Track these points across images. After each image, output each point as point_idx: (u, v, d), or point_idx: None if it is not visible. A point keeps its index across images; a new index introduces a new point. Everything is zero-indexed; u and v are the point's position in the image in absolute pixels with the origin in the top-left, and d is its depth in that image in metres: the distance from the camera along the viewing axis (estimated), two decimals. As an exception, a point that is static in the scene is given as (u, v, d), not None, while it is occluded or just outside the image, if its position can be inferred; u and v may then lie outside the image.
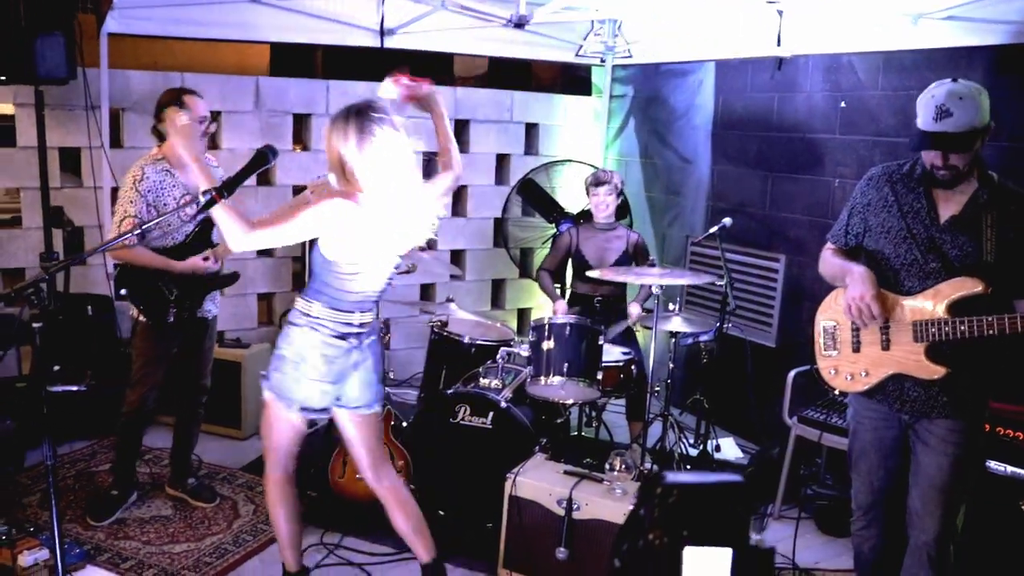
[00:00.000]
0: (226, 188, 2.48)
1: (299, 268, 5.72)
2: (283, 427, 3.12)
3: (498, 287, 6.63)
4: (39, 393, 2.34)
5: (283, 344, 3.03)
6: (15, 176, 4.91)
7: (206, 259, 3.86)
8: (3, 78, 4.34)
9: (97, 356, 4.10)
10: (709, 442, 4.82)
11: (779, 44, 4.94)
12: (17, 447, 4.01)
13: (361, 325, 3.05)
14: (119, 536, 3.91)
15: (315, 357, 2.97)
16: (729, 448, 5.16)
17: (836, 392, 3.07)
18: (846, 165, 4.76)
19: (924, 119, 2.66)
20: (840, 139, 4.79)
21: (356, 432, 3.24)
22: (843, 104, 4.78)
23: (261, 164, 2.65)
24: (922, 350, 2.75)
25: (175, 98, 3.75)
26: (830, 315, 3.02)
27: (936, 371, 2.72)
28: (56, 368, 2.57)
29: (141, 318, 3.87)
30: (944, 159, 2.66)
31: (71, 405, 3.26)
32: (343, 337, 2.99)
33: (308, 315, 2.96)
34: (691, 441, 4.87)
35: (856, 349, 2.92)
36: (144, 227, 2.81)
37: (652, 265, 4.55)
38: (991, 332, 2.59)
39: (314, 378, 2.99)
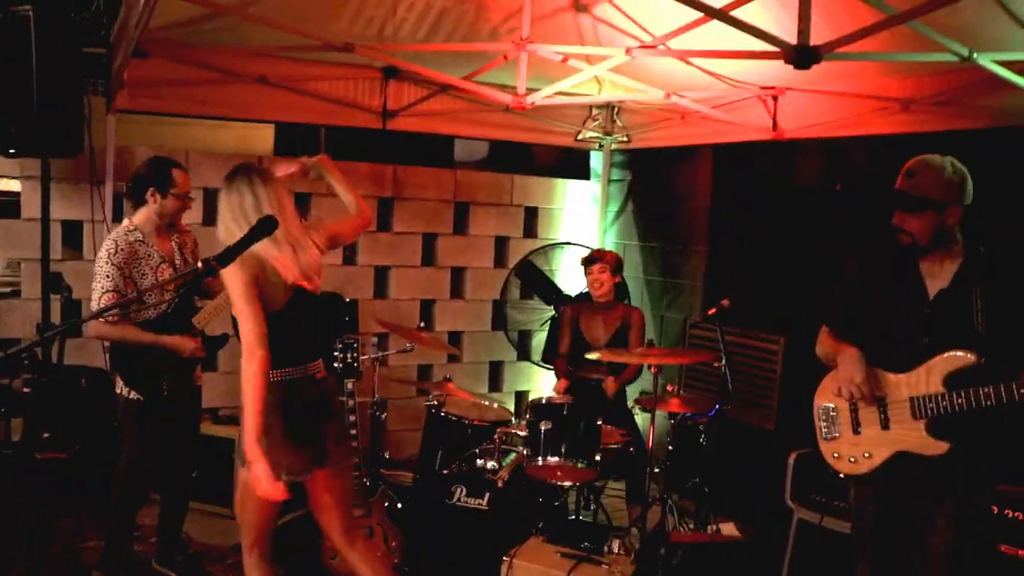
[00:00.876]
0: (224, 257, 2.48)
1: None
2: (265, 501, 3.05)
3: (496, 369, 6.59)
4: (27, 459, 2.29)
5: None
6: (17, 247, 4.94)
7: (195, 335, 3.85)
8: (12, 151, 4.40)
9: (88, 428, 4.03)
10: (708, 526, 4.72)
11: (775, 128, 5.04)
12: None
13: None
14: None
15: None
16: (730, 532, 5.05)
17: (841, 476, 3.01)
18: (843, 247, 4.78)
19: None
20: (837, 222, 4.83)
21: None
22: (838, 187, 4.84)
23: (261, 234, 2.65)
24: (922, 426, 2.72)
25: (163, 173, 3.80)
26: (827, 398, 2.99)
27: (939, 447, 2.68)
28: (45, 436, 2.52)
29: (132, 396, 3.80)
30: (900, 220, 2.74)
31: (56, 473, 3.19)
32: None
33: None
34: (691, 525, 4.77)
35: (856, 431, 2.88)
36: (124, 301, 2.81)
37: (651, 344, 4.53)
38: (988, 403, 2.57)
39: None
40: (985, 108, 4.10)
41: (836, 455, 2.94)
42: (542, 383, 6.55)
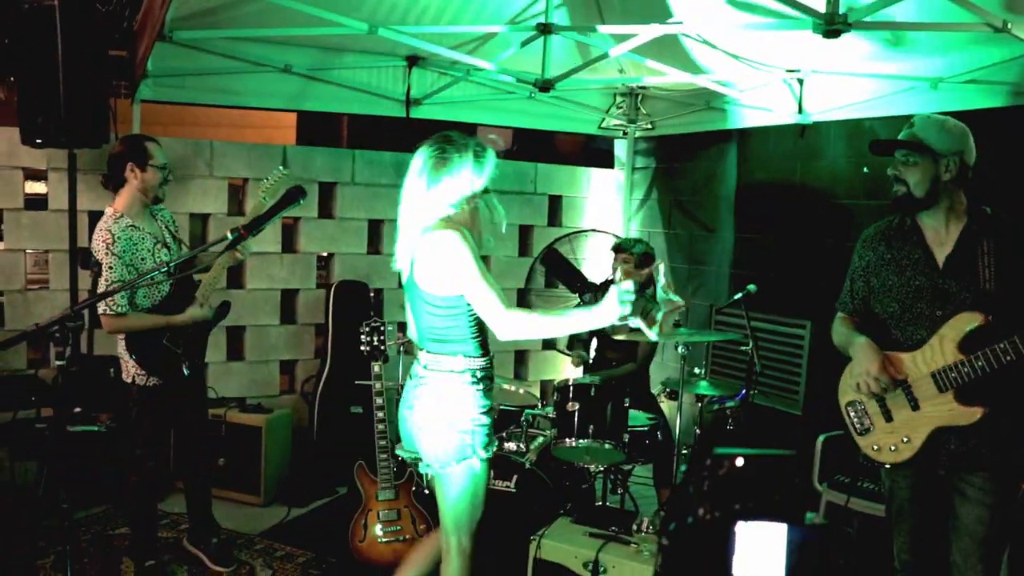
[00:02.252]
0: (253, 225, 2.48)
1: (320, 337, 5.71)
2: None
3: (520, 358, 6.57)
4: (60, 431, 2.30)
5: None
6: (45, 239, 4.97)
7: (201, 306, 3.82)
8: (39, 141, 4.44)
9: (116, 414, 4.03)
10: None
11: (800, 111, 4.99)
12: (37, 494, 3.95)
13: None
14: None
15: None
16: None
17: (887, 466, 2.94)
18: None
19: None
20: (864, 204, 4.79)
21: None
22: (866, 169, 4.80)
23: (290, 203, 2.66)
24: (951, 398, 2.68)
25: (138, 147, 3.75)
26: (850, 395, 2.95)
27: (973, 413, 2.64)
28: (76, 410, 2.53)
29: (148, 383, 3.75)
30: (897, 171, 2.73)
31: (90, 447, 3.21)
32: None
33: None
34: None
35: (889, 419, 2.84)
36: (131, 284, 2.75)
37: (678, 325, 4.49)
38: (1009, 358, 2.53)
39: None
40: (1015, 85, 4.05)
41: (876, 447, 2.88)
42: (568, 371, 6.53)
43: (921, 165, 2.70)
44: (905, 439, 2.79)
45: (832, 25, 2.77)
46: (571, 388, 4.15)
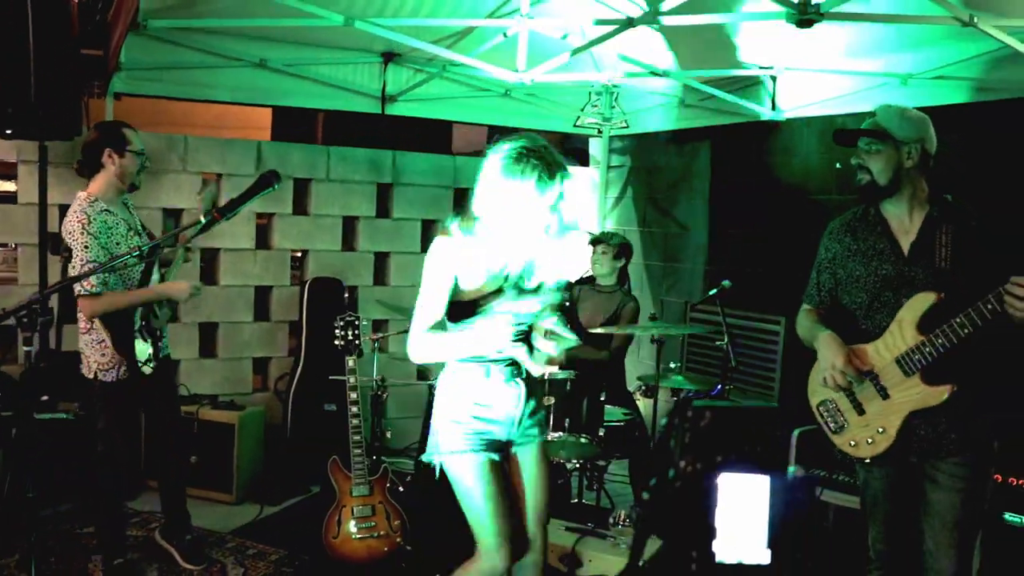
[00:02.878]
0: (227, 209, 2.46)
1: (294, 335, 5.67)
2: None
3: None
4: (27, 416, 2.27)
5: None
6: (14, 232, 4.91)
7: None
8: (9, 132, 4.37)
9: (84, 400, 3.95)
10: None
11: (774, 108, 5.04)
12: (2, 488, 3.87)
13: None
14: (103, 599, 3.75)
15: None
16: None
17: (867, 461, 2.94)
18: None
19: None
20: (837, 199, 4.83)
21: None
22: (838, 165, 4.83)
23: (264, 188, 2.63)
24: (919, 380, 2.70)
25: (115, 132, 3.70)
26: (820, 394, 2.97)
27: (942, 392, 2.66)
28: (44, 398, 2.47)
29: (107, 378, 3.66)
30: (860, 159, 2.77)
31: (57, 435, 3.15)
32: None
33: None
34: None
35: (861, 412, 2.85)
36: (110, 264, 2.69)
37: (653, 318, 4.51)
38: (966, 331, 2.56)
39: None
40: (981, 81, 4.11)
41: (853, 443, 2.89)
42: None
43: (884, 152, 2.74)
44: (880, 430, 2.80)
45: (805, 15, 2.79)
46: (546, 383, 4.14)
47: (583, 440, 4.04)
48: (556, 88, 5.88)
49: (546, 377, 4.17)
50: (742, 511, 1.28)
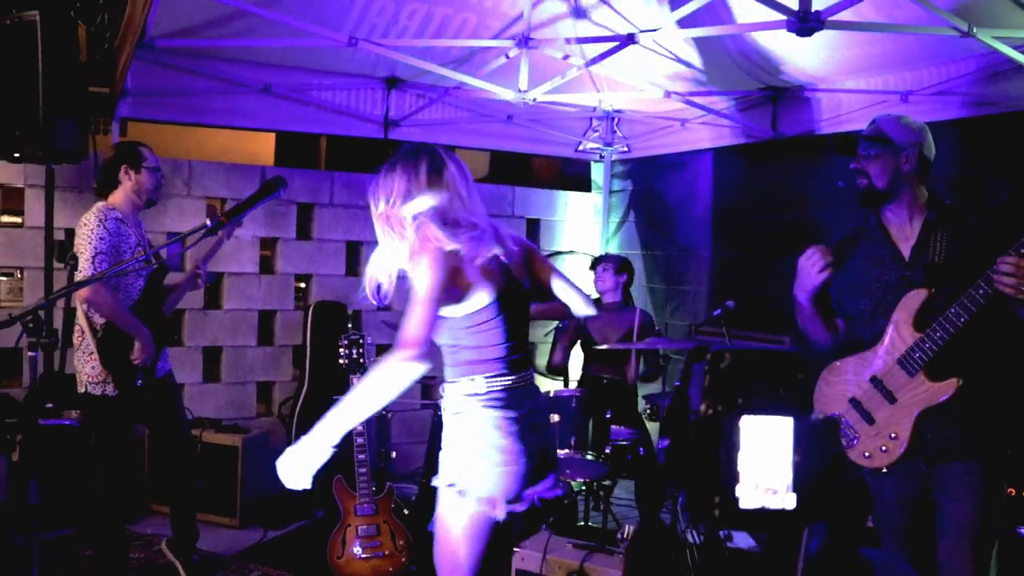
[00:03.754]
0: (233, 213, 2.47)
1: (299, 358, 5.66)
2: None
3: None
4: (32, 421, 2.26)
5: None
6: (20, 256, 4.92)
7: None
8: (17, 155, 4.40)
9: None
10: (720, 531, 4.63)
11: (774, 128, 5.07)
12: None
13: None
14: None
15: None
16: (742, 539, 4.95)
17: (884, 471, 2.85)
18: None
19: None
20: (839, 217, 4.83)
21: None
22: (840, 184, 4.85)
23: (269, 193, 2.65)
24: (924, 378, 2.67)
25: (131, 150, 3.77)
26: (824, 405, 2.94)
27: (948, 385, 2.63)
28: (48, 406, 2.47)
29: (106, 392, 3.65)
30: (859, 164, 2.80)
31: (62, 442, 3.11)
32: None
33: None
34: (702, 528, 4.68)
35: (871, 421, 2.82)
36: (121, 269, 2.70)
37: (659, 335, 4.49)
38: (962, 320, 2.55)
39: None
40: (979, 96, 4.15)
41: (867, 455, 2.83)
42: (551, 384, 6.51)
43: (882, 157, 2.77)
44: (892, 435, 2.77)
45: (806, 23, 2.83)
46: (551, 400, 4.13)
47: (589, 457, 4.01)
48: (557, 114, 5.94)
49: (551, 394, 4.16)
50: (765, 455, 1.26)
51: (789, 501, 1.30)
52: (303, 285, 6.00)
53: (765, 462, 1.24)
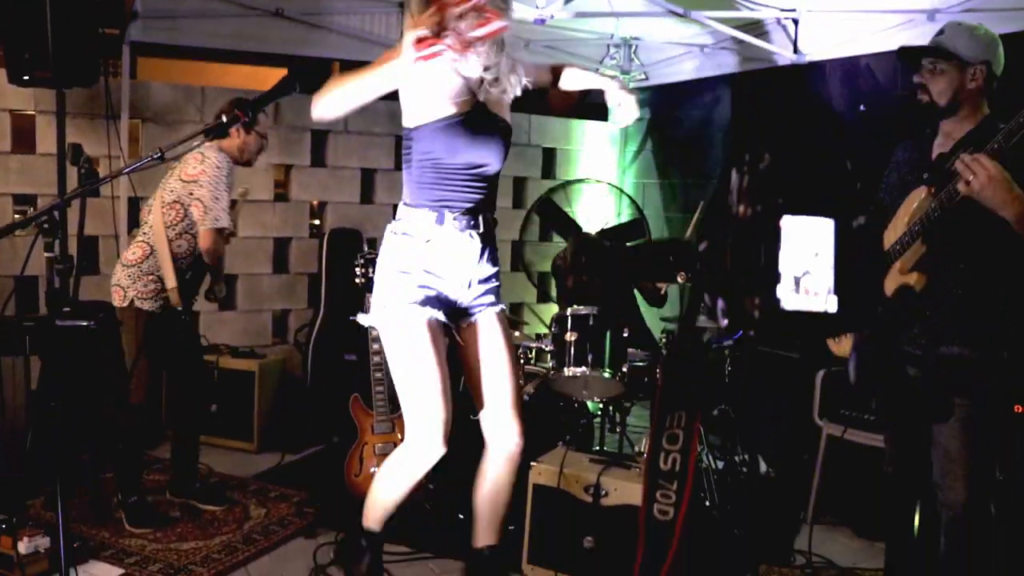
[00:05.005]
0: (251, 107, 2.46)
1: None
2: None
3: (516, 311, 6.53)
4: (50, 326, 2.25)
5: None
6: (34, 183, 4.90)
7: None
8: (26, 77, 4.35)
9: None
10: (735, 457, 4.64)
11: (795, 52, 4.96)
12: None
13: None
14: (123, 535, 3.75)
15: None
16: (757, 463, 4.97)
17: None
18: (870, 167, 4.71)
19: None
20: (861, 143, 4.76)
21: None
22: (862, 108, 4.77)
23: (287, 87, 2.63)
24: (896, 271, 2.64)
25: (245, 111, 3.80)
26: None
27: (914, 276, 2.60)
28: (65, 310, 2.47)
29: (143, 305, 3.74)
30: (922, 78, 2.63)
31: (80, 343, 3.12)
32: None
33: None
34: (716, 454, 4.69)
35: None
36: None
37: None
38: (937, 215, 2.50)
39: None
40: (1012, 12, 4.02)
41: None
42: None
43: (947, 74, 2.59)
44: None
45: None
46: (569, 318, 4.10)
47: (607, 375, 3.99)
48: (574, 40, 5.83)
49: (568, 313, 4.13)
50: (807, 256, 1.23)
51: (831, 304, 1.27)
52: (316, 222, 5.98)
53: (806, 264, 1.21)
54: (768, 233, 1.17)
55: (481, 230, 2.73)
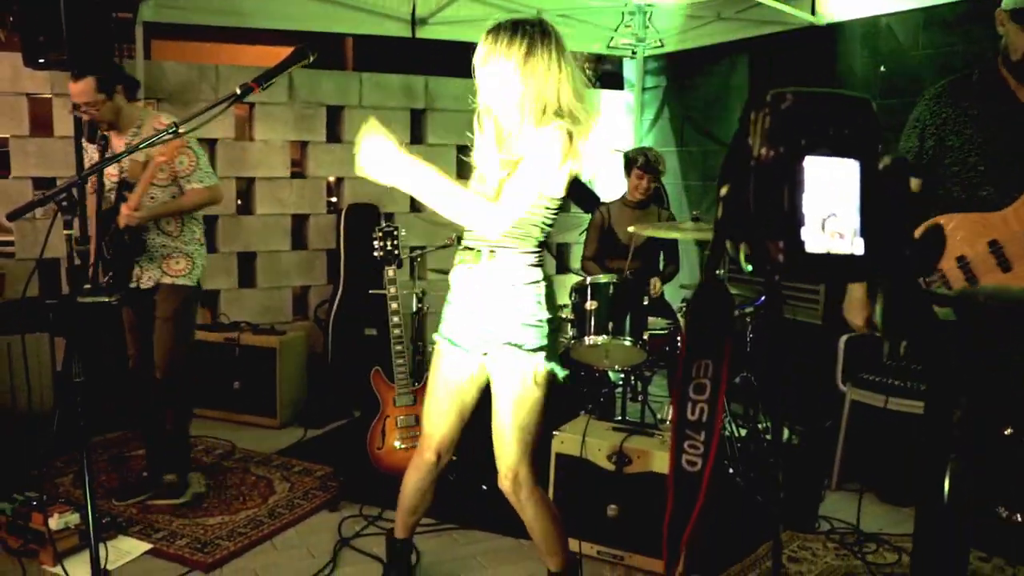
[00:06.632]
0: (263, 78, 2.44)
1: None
2: None
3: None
4: (72, 302, 2.26)
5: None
6: (51, 166, 4.92)
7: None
8: (42, 60, 4.36)
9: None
10: (758, 424, 4.62)
11: (814, 13, 4.89)
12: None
13: None
14: (151, 511, 3.79)
15: None
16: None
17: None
18: (888, 130, 4.64)
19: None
20: (881, 104, 4.68)
21: None
22: (882, 68, 4.69)
23: (299, 59, 2.60)
24: None
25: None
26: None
27: None
28: (87, 287, 2.49)
29: (188, 283, 3.75)
30: (1007, 31, 2.47)
31: (101, 319, 3.14)
32: None
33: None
34: (739, 422, 4.67)
35: (975, 284, 2.56)
36: None
37: (696, 220, 4.38)
38: None
39: None
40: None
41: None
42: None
43: None
44: None
45: None
46: (588, 288, 4.09)
47: (627, 343, 3.97)
48: (589, 9, 5.77)
49: (587, 282, 4.11)
50: (831, 198, 1.20)
51: (857, 246, 1.24)
52: (334, 199, 5.97)
53: (831, 206, 1.18)
54: (791, 175, 1.14)
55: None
